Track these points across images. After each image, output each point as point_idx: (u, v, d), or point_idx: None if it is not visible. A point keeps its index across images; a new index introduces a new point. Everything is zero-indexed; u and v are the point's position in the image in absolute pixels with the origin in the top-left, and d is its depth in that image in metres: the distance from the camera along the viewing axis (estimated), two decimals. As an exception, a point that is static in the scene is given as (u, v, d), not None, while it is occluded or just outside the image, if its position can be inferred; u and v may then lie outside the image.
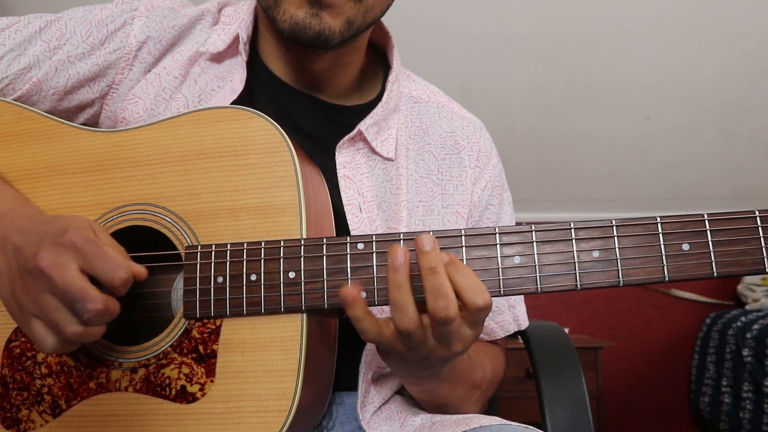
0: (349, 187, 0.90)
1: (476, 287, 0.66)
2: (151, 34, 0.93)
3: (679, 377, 3.34)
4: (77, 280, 0.66)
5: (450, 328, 0.66)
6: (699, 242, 0.67)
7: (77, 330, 0.68)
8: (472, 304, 0.66)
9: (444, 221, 0.96)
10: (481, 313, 0.67)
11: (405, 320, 0.66)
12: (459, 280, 0.66)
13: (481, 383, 0.93)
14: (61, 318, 0.67)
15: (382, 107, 0.94)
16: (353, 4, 0.85)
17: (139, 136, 0.82)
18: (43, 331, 0.69)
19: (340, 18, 0.85)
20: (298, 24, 0.84)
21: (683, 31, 2.85)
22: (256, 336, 0.73)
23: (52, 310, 0.67)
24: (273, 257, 0.74)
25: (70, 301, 0.67)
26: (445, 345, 0.69)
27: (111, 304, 0.68)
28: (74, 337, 0.68)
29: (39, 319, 0.69)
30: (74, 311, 0.67)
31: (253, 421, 0.72)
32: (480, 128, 1.05)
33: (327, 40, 0.85)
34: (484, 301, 0.66)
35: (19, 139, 0.85)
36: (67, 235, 0.68)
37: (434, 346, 0.69)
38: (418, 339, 0.67)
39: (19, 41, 0.91)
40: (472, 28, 2.83)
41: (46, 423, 0.77)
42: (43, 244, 0.68)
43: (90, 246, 0.68)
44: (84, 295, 0.66)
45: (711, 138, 3.16)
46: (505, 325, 1.02)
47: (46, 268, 0.66)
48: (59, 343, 0.69)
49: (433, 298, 0.65)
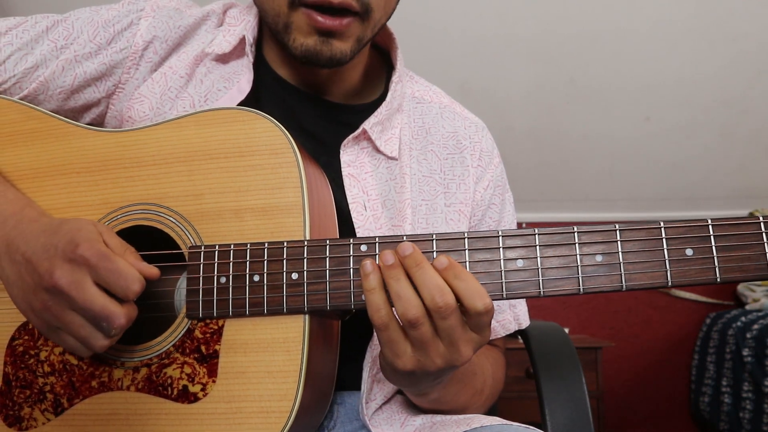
0: (353, 186, 0.90)
1: (475, 291, 0.66)
2: (158, 33, 0.93)
3: (679, 377, 3.34)
4: (98, 298, 0.69)
5: (451, 322, 0.66)
6: (702, 247, 0.67)
7: (105, 343, 0.71)
8: (472, 309, 0.66)
9: (447, 220, 0.96)
10: (483, 317, 0.67)
11: (410, 309, 0.66)
12: (458, 285, 0.66)
13: (483, 388, 0.94)
14: (88, 334, 0.71)
15: (386, 107, 0.94)
16: (360, 24, 0.86)
17: (144, 136, 0.82)
18: (75, 343, 0.72)
19: (350, 40, 0.87)
20: (309, 51, 0.86)
21: (683, 31, 2.85)
22: (259, 337, 0.74)
23: (78, 327, 0.70)
24: (276, 258, 0.74)
25: (94, 319, 0.69)
26: (454, 348, 0.68)
27: (131, 312, 0.72)
28: (103, 349, 0.72)
29: (66, 332, 0.72)
30: (100, 328, 0.70)
31: (255, 421, 0.72)
32: (482, 128, 1.05)
33: (339, 62, 0.87)
34: (484, 305, 0.66)
35: (25, 138, 0.85)
36: (79, 249, 0.69)
37: (444, 351, 0.69)
38: (425, 332, 0.67)
39: (27, 41, 0.91)
40: (472, 28, 2.83)
41: (48, 421, 0.77)
42: (56, 261, 0.70)
43: (102, 261, 0.69)
44: (107, 314, 0.69)
45: (711, 138, 3.16)
46: (505, 324, 1.02)
47: (65, 287, 0.69)
48: (91, 351, 0.73)
49: (426, 291, 0.66)
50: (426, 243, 0.71)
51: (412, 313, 0.66)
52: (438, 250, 0.71)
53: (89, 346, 0.71)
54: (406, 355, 0.69)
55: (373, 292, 0.68)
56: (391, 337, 0.69)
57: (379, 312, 0.68)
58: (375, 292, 0.68)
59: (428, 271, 0.67)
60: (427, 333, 0.67)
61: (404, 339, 0.69)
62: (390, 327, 0.68)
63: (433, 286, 0.66)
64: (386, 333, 0.69)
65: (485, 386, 0.94)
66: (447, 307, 0.66)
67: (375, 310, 0.68)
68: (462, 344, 0.68)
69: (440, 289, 0.66)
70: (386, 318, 0.68)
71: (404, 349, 0.69)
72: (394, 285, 0.67)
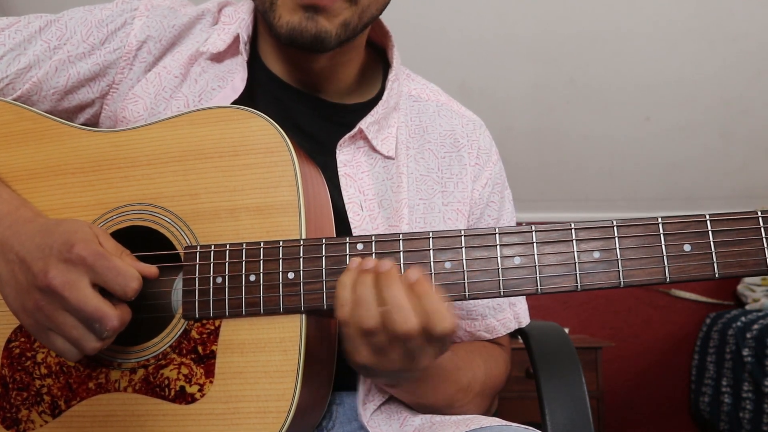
0: (350, 186, 0.90)
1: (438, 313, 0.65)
2: (152, 33, 0.93)
3: (679, 377, 3.34)
4: (91, 299, 0.68)
5: (411, 345, 0.66)
6: (701, 243, 0.67)
7: (97, 346, 0.70)
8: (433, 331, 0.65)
9: (445, 219, 0.96)
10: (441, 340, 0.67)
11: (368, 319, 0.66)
12: (422, 304, 0.65)
13: (471, 384, 0.92)
14: (80, 335, 0.70)
15: (383, 105, 0.94)
16: (348, 6, 0.85)
17: (138, 136, 0.82)
18: (64, 344, 0.71)
19: (336, 21, 0.85)
20: (294, 29, 0.84)
21: (683, 31, 2.85)
22: (256, 337, 0.73)
23: (70, 328, 0.69)
24: (272, 258, 0.73)
25: (86, 320, 0.69)
26: (410, 358, 0.68)
27: (125, 315, 0.71)
28: (94, 352, 0.70)
29: (56, 333, 0.71)
30: (92, 329, 0.69)
31: (253, 421, 0.72)
32: (480, 126, 1.05)
33: (324, 43, 0.85)
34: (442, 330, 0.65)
35: (19, 139, 0.85)
36: (74, 249, 0.69)
37: (399, 359, 0.69)
38: (381, 341, 0.67)
39: (19, 41, 0.91)
40: (471, 28, 2.83)
41: (46, 423, 0.77)
42: (51, 261, 0.69)
43: (99, 260, 0.69)
44: (101, 315, 0.68)
45: (711, 138, 3.16)
46: (506, 322, 1.02)
47: (58, 287, 0.68)
48: (81, 354, 0.71)
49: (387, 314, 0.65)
50: (422, 241, 0.71)
51: (368, 324, 0.66)
52: (435, 248, 0.70)
53: (80, 348, 0.70)
54: (361, 353, 0.69)
55: (344, 287, 0.68)
56: (350, 334, 0.69)
57: (343, 308, 0.68)
58: (345, 287, 0.68)
59: (398, 292, 0.66)
60: (383, 341, 0.67)
61: (361, 338, 0.69)
62: (350, 324, 0.68)
63: (398, 306, 0.65)
64: (346, 329, 0.69)
65: (474, 382, 0.93)
66: (408, 334, 0.65)
67: (340, 305, 0.68)
68: (420, 357, 0.69)
69: (403, 311, 0.65)
70: (347, 315, 0.68)
71: (360, 345, 0.69)
72: (359, 289, 0.67)
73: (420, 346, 0.67)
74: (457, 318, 0.67)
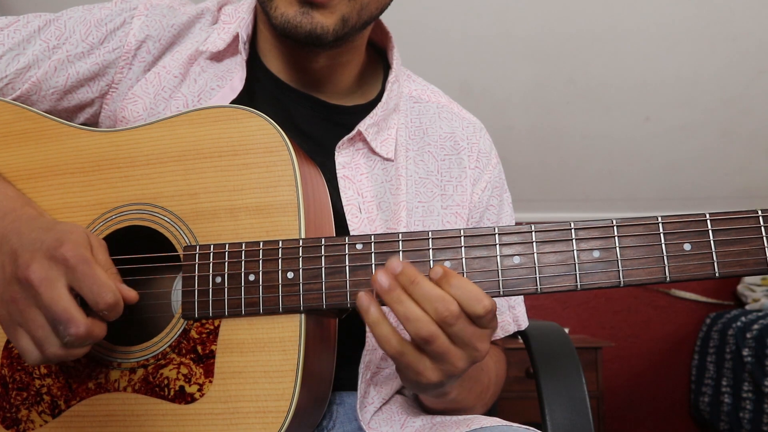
0: (348, 188, 0.90)
1: (473, 296, 0.65)
2: (151, 33, 0.92)
3: (679, 377, 3.34)
4: (63, 299, 0.66)
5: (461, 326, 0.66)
6: (701, 242, 0.67)
7: (57, 352, 0.68)
8: (473, 314, 0.65)
9: (444, 222, 0.96)
10: (485, 318, 0.66)
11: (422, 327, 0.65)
12: (455, 294, 0.65)
13: (489, 385, 0.94)
14: (44, 336, 0.67)
15: (382, 107, 0.94)
16: (347, 1, 0.84)
17: (137, 135, 0.82)
18: (28, 344, 0.69)
19: (334, 16, 0.84)
20: (289, 22, 0.83)
21: (683, 31, 2.85)
22: (255, 336, 0.73)
23: (37, 326, 0.67)
24: (271, 257, 0.73)
25: (53, 320, 0.66)
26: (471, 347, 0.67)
27: (95, 329, 0.68)
28: (54, 358, 0.68)
29: (24, 330, 0.69)
30: (56, 331, 0.67)
31: (252, 421, 0.72)
32: (480, 129, 1.04)
33: (320, 38, 0.84)
34: (483, 309, 0.65)
35: (18, 139, 0.85)
36: (62, 248, 0.67)
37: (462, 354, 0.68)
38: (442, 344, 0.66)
39: (18, 40, 0.90)
40: (472, 28, 2.83)
41: (46, 423, 0.77)
42: (37, 255, 0.68)
43: (81, 264, 0.67)
44: (68, 318, 0.66)
45: (711, 138, 3.16)
46: (504, 325, 1.02)
47: (35, 282, 0.66)
48: (41, 358, 0.69)
49: (429, 305, 0.65)
50: (422, 241, 0.71)
51: (426, 330, 0.65)
52: (434, 248, 0.70)
53: (41, 350, 0.68)
54: (427, 369, 0.68)
55: (377, 325, 0.67)
56: (409, 361, 0.67)
57: (389, 342, 0.66)
58: (380, 325, 0.67)
59: (425, 285, 0.66)
60: (444, 344, 0.66)
61: (420, 356, 0.67)
62: (405, 353, 0.67)
63: (434, 297, 0.65)
64: (403, 359, 0.67)
65: (491, 383, 0.95)
66: (452, 315, 0.65)
67: (385, 342, 0.67)
68: (477, 341, 0.67)
69: (442, 299, 0.65)
70: (398, 346, 0.67)
71: (424, 366, 0.68)
72: (399, 308, 0.66)
73: (473, 331, 0.66)
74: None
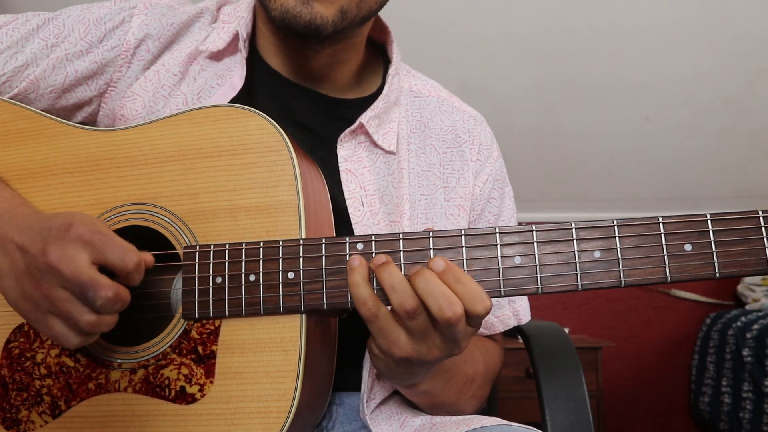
0: (351, 181, 0.90)
1: (476, 295, 0.66)
2: (150, 31, 0.92)
3: (679, 377, 3.34)
4: (86, 269, 0.67)
5: (458, 327, 0.66)
6: (701, 242, 0.67)
7: (91, 319, 0.68)
8: (473, 313, 0.66)
9: (447, 214, 0.96)
10: (480, 319, 0.67)
11: (407, 300, 0.66)
12: (458, 289, 0.66)
13: (474, 377, 0.93)
14: (74, 308, 0.68)
15: (383, 100, 0.94)
16: None
17: (136, 135, 0.82)
18: (62, 328, 0.69)
19: (333, 7, 0.84)
20: (288, 12, 0.83)
21: (683, 30, 2.85)
22: (256, 337, 0.73)
23: (64, 301, 0.68)
24: (272, 257, 0.73)
25: (81, 290, 0.67)
26: (454, 343, 0.69)
27: (122, 291, 0.69)
28: (88, 326, 0.68)
29: (55, 315, 0.69)
30: (86, 301, 0.67)
31: (253, 422, 0.72)
32: (480, 122, 1.05)
33: (318, 29, 0.84)
34: (484, 308, 0.66)
35: (16, 138, 0.85)
36: (72, 229, 0.68)
37: (441, 344, 0.69)
38: (422, 322, 0.67)
39: (17, 39, 0.90)
40: (472, 28, 2.83)
41: (46, 424, 0.77)
42: (50, 240, 0.68)
43: (97, 236, 0.68)
44: (95, 283, 0.66)
45: (711, 138, 3.16)
46: (504, 319, 1.02)
47: (55, 262, 0.67)
48: (80, 336, 0.70)
49: (433, 301, 0.65)
50: (423, 241, 0.71)
51: (409, 303, 0.66)
52: (435, 248, 0.70)
53: (74, 322, 0.68)
54: (401, 342, 0.69)
55: (357, 286, 0.68)
56: (383, 326, 0.69)
57: (366, 304, 0.68)
58: (360, 286, 0.68)
59: (431, 279, 0.66)
60: (425, 323, 0.67)
61: (397, 326, 0.69)
62: (380, 316, 0.68)
63: (440, 295, 0.65)
64: (377, 323, 0.69)
65: (477, 374, 0.94)
66: (456, 318, 0.65)
67: (361, 303, 0.68)
68: (463, 339, 0.68)
69: (448, 299, 0.65)
70: (374, 308, 0.68)
71: (398, 336, 0.69)
72: (387, 278, 0.67)
73: (463, 332, 0.67)
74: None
